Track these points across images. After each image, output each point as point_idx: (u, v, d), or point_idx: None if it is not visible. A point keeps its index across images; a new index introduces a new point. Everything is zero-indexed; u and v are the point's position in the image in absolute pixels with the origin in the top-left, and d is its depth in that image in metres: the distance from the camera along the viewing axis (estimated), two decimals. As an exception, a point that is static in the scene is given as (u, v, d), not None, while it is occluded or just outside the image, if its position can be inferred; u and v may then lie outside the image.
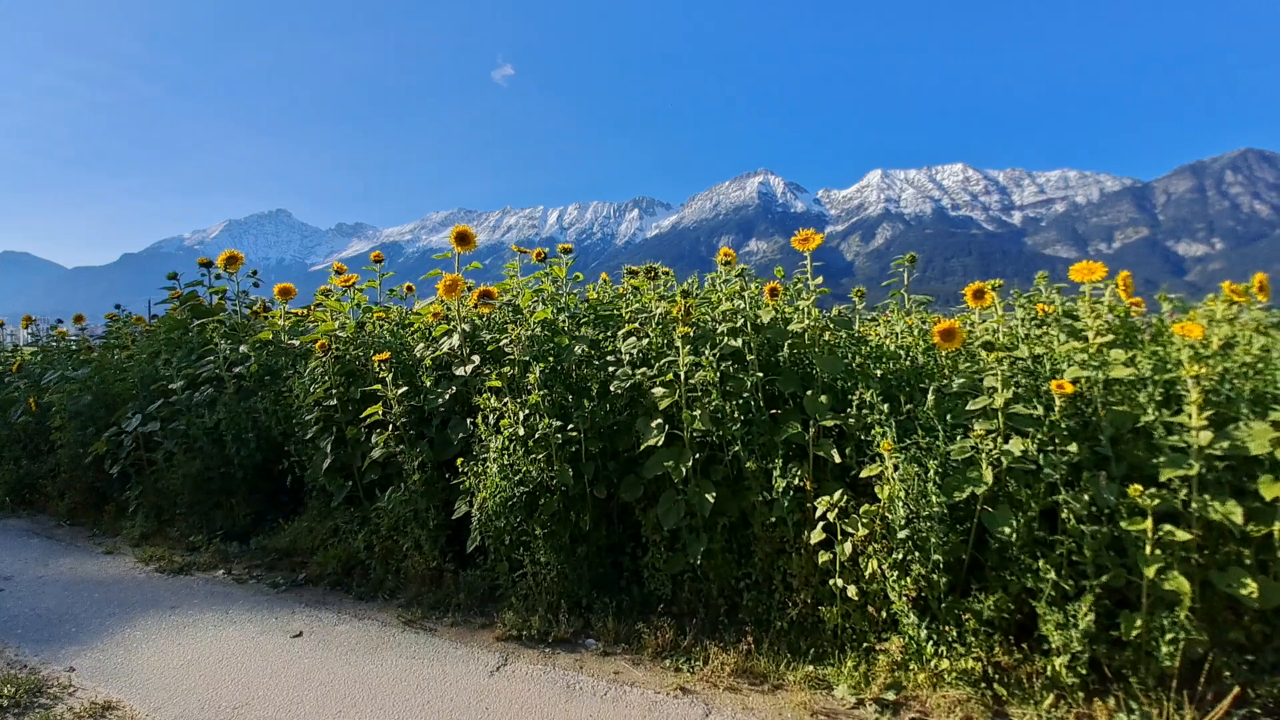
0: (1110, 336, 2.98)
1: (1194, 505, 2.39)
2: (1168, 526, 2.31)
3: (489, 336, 3.54)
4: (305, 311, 5.20)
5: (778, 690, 2.55)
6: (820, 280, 3.16)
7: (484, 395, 3.07)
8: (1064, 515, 2.46)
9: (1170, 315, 3.15)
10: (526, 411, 3.05)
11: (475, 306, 3.56)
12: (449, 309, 3.58)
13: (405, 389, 3.46)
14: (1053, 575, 2.39)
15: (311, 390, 4.01)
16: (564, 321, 3.48)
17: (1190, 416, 2.44)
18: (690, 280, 3.91)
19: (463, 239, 3.47)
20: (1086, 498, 2.45)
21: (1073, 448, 2.59)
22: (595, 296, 3.97)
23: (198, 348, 5.14)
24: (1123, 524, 2.39)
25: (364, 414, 3.57)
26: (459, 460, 3.13)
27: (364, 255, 5.32)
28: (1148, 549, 2.32)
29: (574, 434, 3.07)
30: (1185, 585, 2.25)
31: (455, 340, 3.47)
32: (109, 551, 4.41)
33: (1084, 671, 2.35)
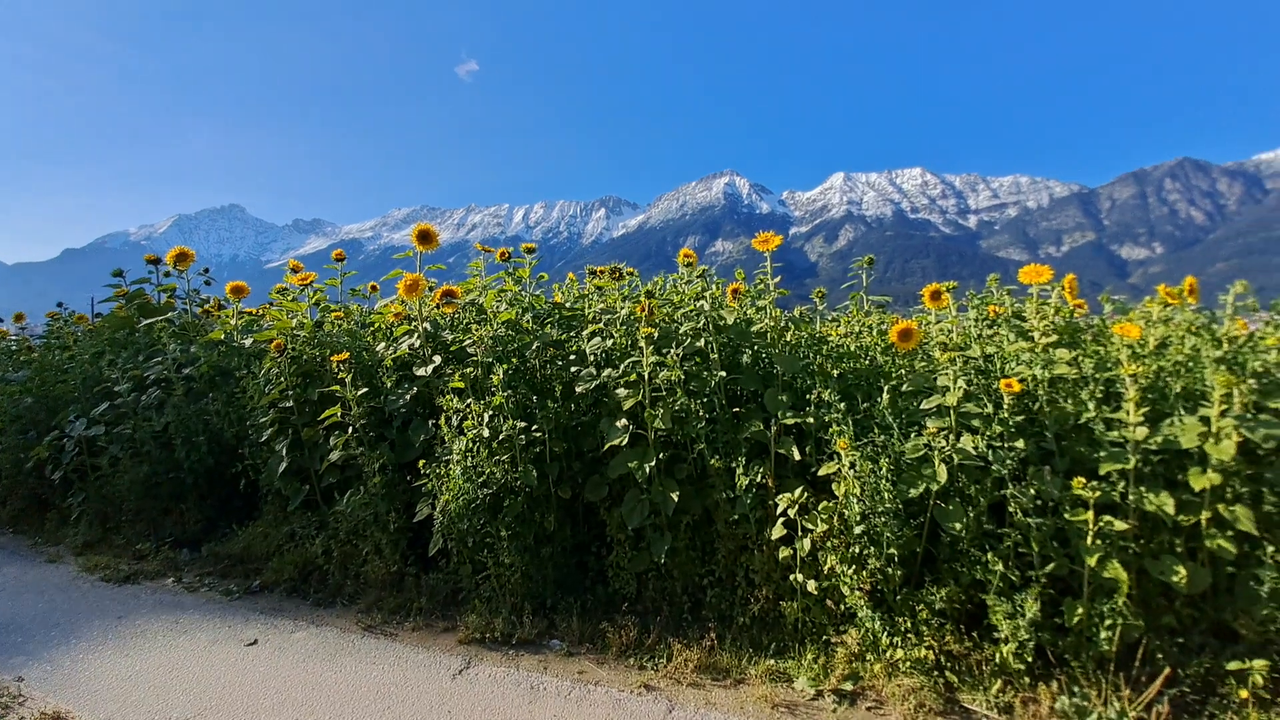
0: (1055, 337, 3.11)
1: (1131, 497, 2.52)
2: (1107, 517, 2.43)
3: (452, 337, 3.49)
4: (260, 310, 5.05)
5: (740, 685, 2.59)
6: (779, 280, 3.21)
7: (446, 396, 3.03)
8: (1012, 509, 2.56)
9: (1110, 316, 3.31)
10: (490, 412, 3.03)
11: (438, 306, 3.51)
12: (410, 309, 3.52)
13: (365, 390, 3.39)
14: (1001, 567, 2.49)
15: (266, 391, 3.90)
16: (528, 321, 3.46)
17: (1128, 413, 2.56)
18: (655, 281, 3.93)
19: (424, 238, 3.42)
20: (1033, 491, 2.56)
21: (1020, 444, 2.69)
22: (561, 297, 3.96)
23: (145, 348, 4.94)
24: (1066, 516, 2.50)
25: (322, 416, 3.48)
26: (421, 462, 3.08)
27: (323, 252, 5.21)
28: (1089, 539, 2.43)
29: (538, 435, 3.06)
30: (1122, 573, 2.37)
31: (416, 340, 3.41)
32: (52, 560, 4.22)
33: (1030, 658, 2.45)
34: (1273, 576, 2.29)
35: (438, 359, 3.35)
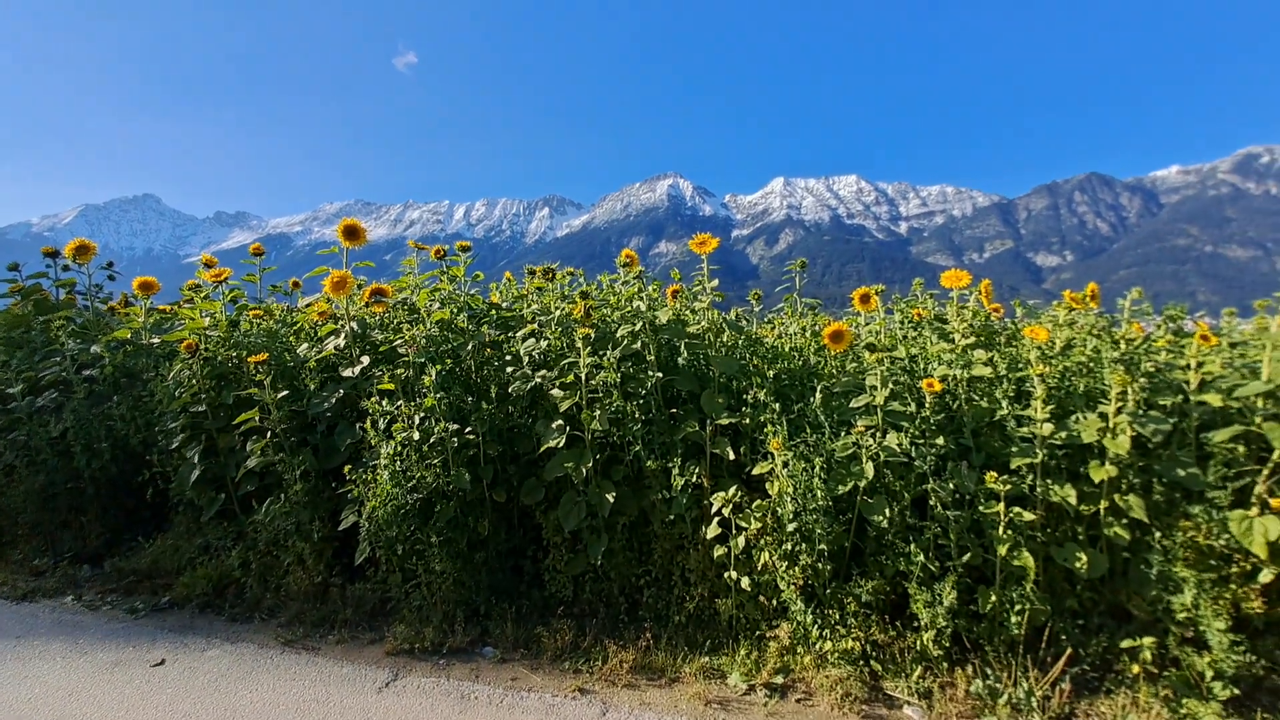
0: (974, 339, 3.27)
1: (1039, 489, 2.68)
2: (1017, 509, 2.57)
3: (381, 337, 3.36)
4: (172, 308, 4.72)
5: (674, 683, 2.60)
6: (716, 284, 3.25)
7: (374, 399, 2.91)
8: (932, 503, 2.68)
9: (1022, 320, 3.52)
10: (422, 415, 2.93)
11: (367, 305, 3.37)
12: (337, 307, 3.37)
13: (286, 393, 3.22)
14: (922, 558, 2.59)
15: (177, 395, 3.65)
16: (464, 321, 3.36)
17: (1036, 410, 2.72)
18: (600, 280, 3.91)
19: (351, 233, 3.28)
20: (951, 486, 2.68)
21: (940, 441, 2.82)
22: (498, 297, 3.87)
23: (41, 347, 4.53)
24: (981, 508, 2.64)
25: (238, 420, 3.28)
26: (346, 468, 2.95)
27: (247, 247, 4.91)
28: (1001, 530, 2.57)
29: (472, 437, 2.98)
30: (1030, 561, 2.52)
31: (343, 340, 3.27)
32: (-62, 580, 3.81)
33: (947, 644, 2.57)
34: (1160, 560, 2.49)
35: (366, 360, 3.21)
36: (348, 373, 3.17)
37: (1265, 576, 2.44)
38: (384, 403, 2.92)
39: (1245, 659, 2.30)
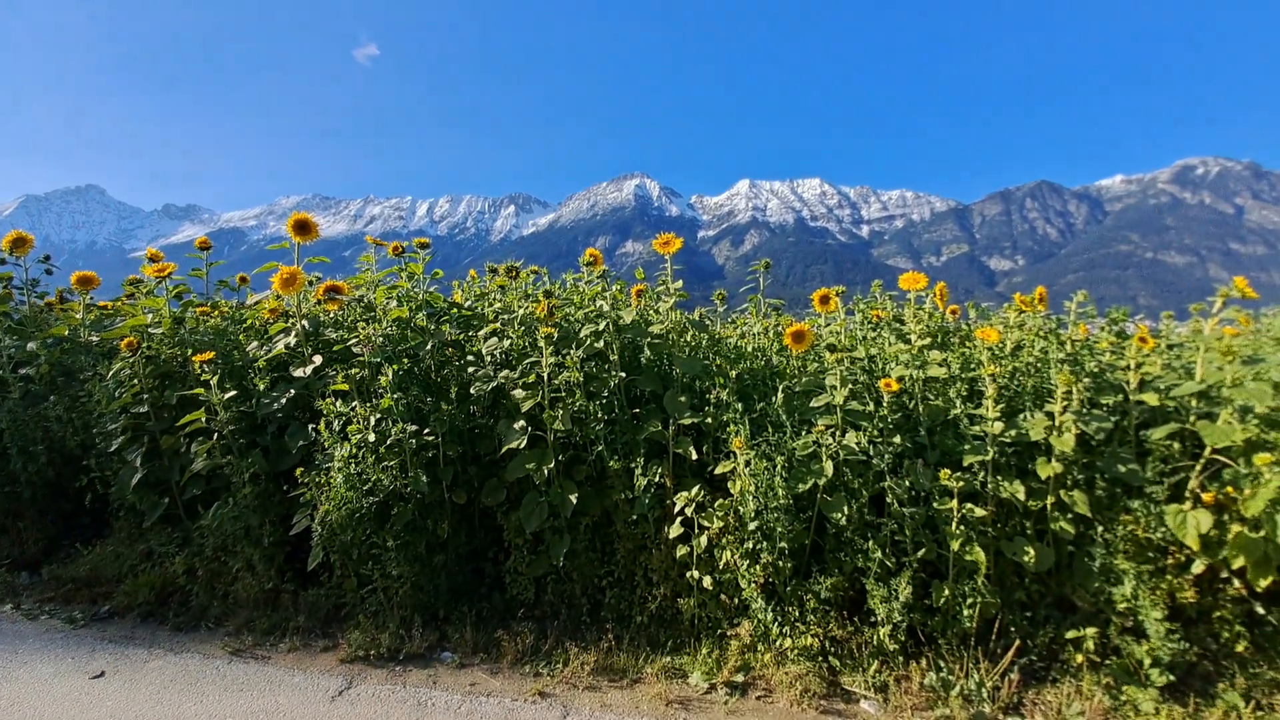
0: (929, 340, 3.35)
1: (990, 485, 2.76)
2: (969, 505, 2.64)
3: (336, 335, 3.26)
4: (114, 305, 4.50)
5: (636, 684, 2.59)
6: (680, 284, 3.26)
7: (328, 399, 2.82)
8: (889, 500, 2.73)
9: (975, 321, 3.62)
10: (378, 416, 2.85)
11: (321, 302, 3.27)
12: (288, 304, 3.25)
13: (234, 393, 3.10)
14: (879, 554, 2.64)
15: (117, 395, 3.48)
16: (423, 320, 3.29)
17: (988, 409, 2.80)
18: (565, 279, 3.87)
19: (302, 228, 3.17)
20: (908, 483, 2.74)
21: (897, 439, 2.88)
22: (460, 295, 3.80)
23: (-28, 345, 4.27)
24: (935, 505, 2.70)
25: (182, 421, 3.14)
26: (299, 470, 2.85)
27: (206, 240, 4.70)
28: (954, 525, 2.64)
29: (431, 438, 2.91)
30: (981, 555, 2.59)
31: (294, 339, 3.15)
32: None
33: (903, 638, 2.63)
34: (1102, 553, 2.59)
35: (319, 359, 3.11)
36: (299, 372, 3.06)
37: (1198, 567, 2.56)
38: (338, 403, 2.83)
39: (1180, 646, 2.40)
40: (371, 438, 2.78)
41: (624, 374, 3.10)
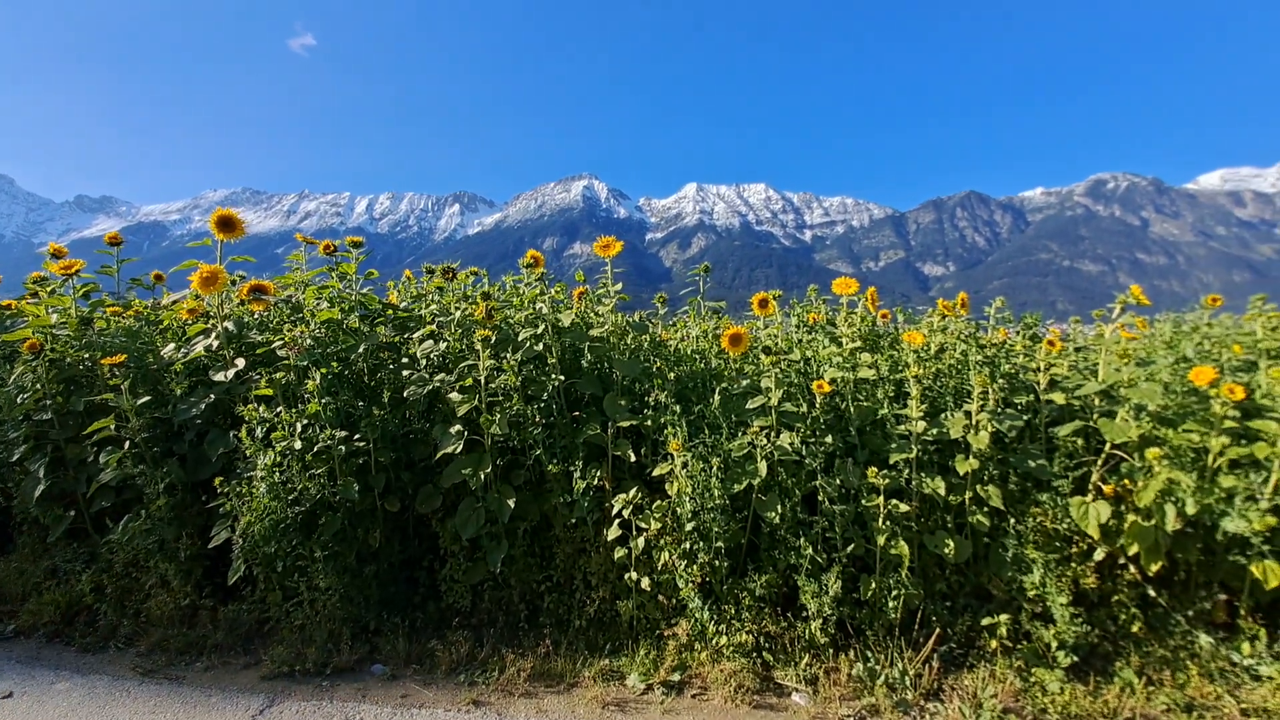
0: (860, 342, 3.48)
1: (914, 482, 2.89)
2: (895, 501, 2.76)
3: (261, 337, 3.11)
4: (16, 304, 4.17)
5: (573, 688, 2.58)
6: (620, 286, 3.27)
7: (250, 405, 2.70)
8: (821, 498, 2.82)
9: (903, 325, 3.78)
10: (305, 422, 2.74)
11: (244, 303, 3.12)
12: (209, 305, 3.09)
13: (147, 399, 2.92)
14: (810, 551, 2.72)
15: (18, 401, 3.23)
16: (355, 322, 3.18)
17: (912, 409, 2.93)
18: (504, 280, 3.82)
19: (226, 224, 3.02)
20: (838, 481, 2.84)
21: (829, 439, 2.98)
22: (396, 296, 3.70)
23: None
24: (864, 502, 2.81)
25: (90, 429, 2.94)
26: (218, 480, 2.72)
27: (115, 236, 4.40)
28: (880, 521, 2.75)
29: (362, 444, 2.82)
30: (905, 549, 2.71)
31: (215, 341, 3.00)
32: None
33: (833, 631, 2.72)
34: (1014, 544, 2.75)
35: (241, 363, 2.96)
36: (220, 376, 2.91)
37: (1099, 555, 2.75)
38: (262, 409, 2.71)
39: (1083, 630, 2.57)
40: (298, 445, 2.67)
41: (563, 377, 3.09)
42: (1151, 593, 2.76)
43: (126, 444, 2.95)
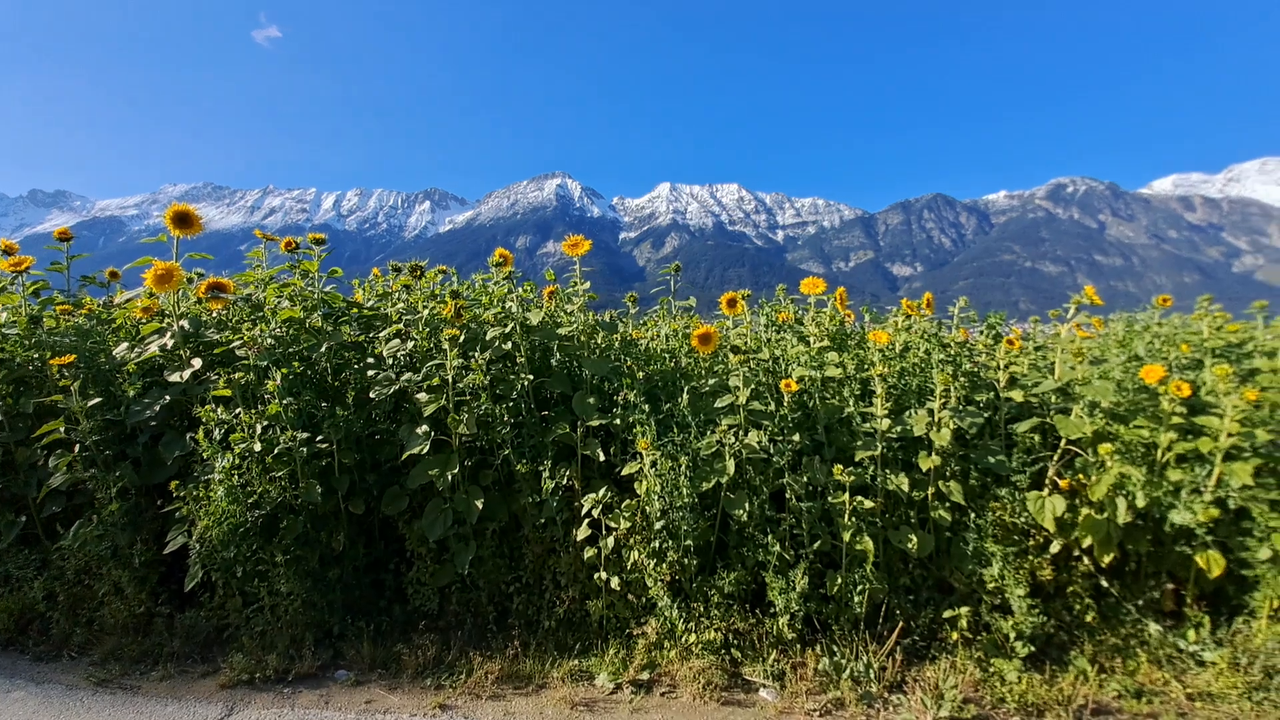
0: (828, 341, 3.53)
1: (879, 479, 2.94)
2: (860, 497, 2.80)
3: (219, 337, 3.03)
4: (-42, 301, 3.99)
5: (541, 690, 2.57)
6: (589, 285, 3.26)
7: (208, 406, 2.63)
8: (788, 495, 2.86)
9: (870, 324, 3.84)
10: (265, 423, 2.68)
11: (203, 301, 3.04)
12: (165, 303, 3.00)
13: (99, 400, 2.82)
14: (778, 548, 2.75)
15: (-40, 403, 3.10)
16: (318, 320, 3.12)
17: (877, 407, 2.98)
18: (474, 279, 3.78)
19: (183, 220, 2.93)
20: (805, 479, 2.87)
21: (796, 437, 3.01)
22: (361, 295, 3.64)
23: None
24: (830, 498, 2.85)
25: (39, 432, 2.84)
26: (173, 484, 2.64)
27: (70, 231, 4.24)
28: (846, 517, 2.79)
29: (325, 446, 2.77)
30: (870, 544, 2.76)
31: (170, 340, 2.91)
32: None
33: (800, 626, 2.75)
34: (975, 538, 2.81)
35: (198, 363, 2.88)
36: (175, 377, 2.82)
37: (1055, 547, 2.84)
38: (220, 410, 2.64)
39: (1040, 620, 2.65)
40: (257, 447, 2.61)
41: (533, 376, 3.07)
42: (1104, 583, 2.85)
43: (77, 447, 2.85)
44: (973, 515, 2.86)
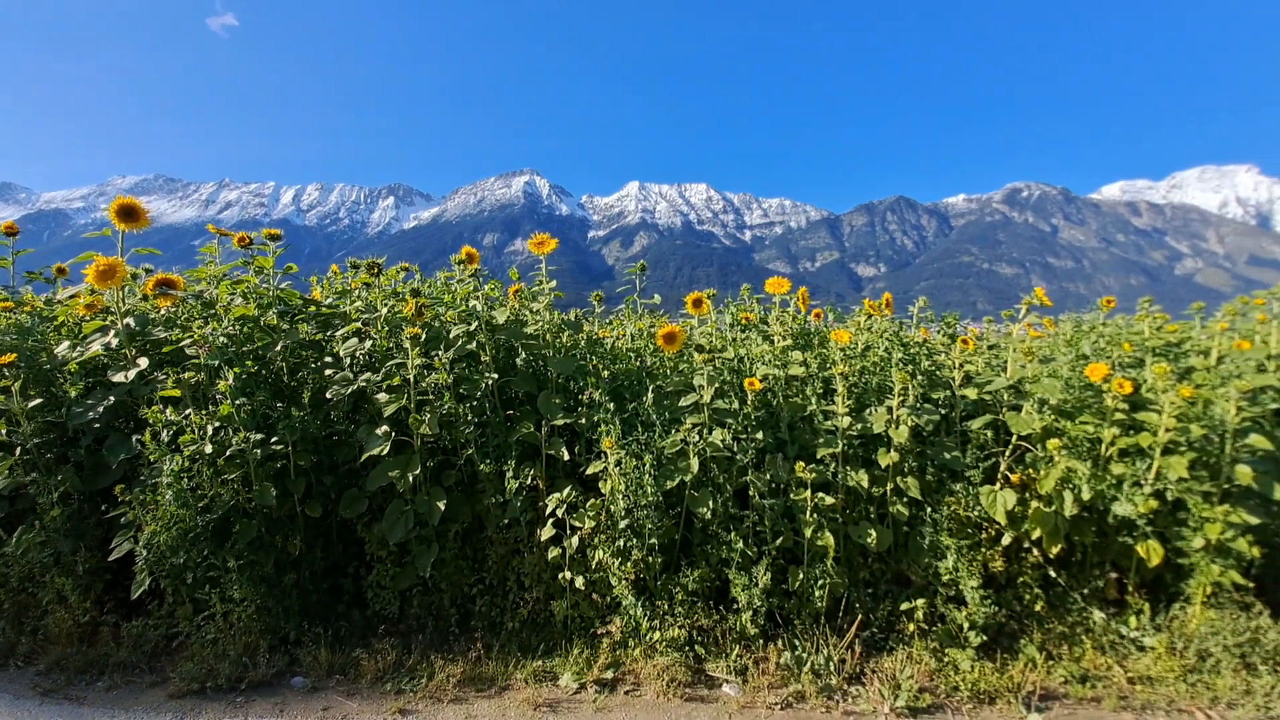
0: (791, 341, 3.58)
1: (840, 475, 3.00)
2: (821, 494, 2.85)
3: (168, 335, 2.92)
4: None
5: (504, 692, 2.55)
6: (555, 284, 3.25)
7: (155, 407, 2.53)
8: (752, 493, 2.89)
9: (832, 324, 3.91)
10: (216, 424, 2.60)
11: (151, 298, 2.93)
12: (110, 300, 2.88)
13: (40, 401, 2.70)
14: (741, 545, 2.79)
15: (-114, 406, 2.92)
16: (274, 319, 3.03)
17: (839, 405, 3.04)
18: (439, 276, 3.73)
19: (128, 214, 2.81)
20: (768, 476, 2.91)
21: (760, 435, 3.05)
22: (319, 292, 3.55)
23: None
24: (792, 496, 2.89)
25: (-27, 435, 2.70)
26: (119, 488, 2.54)
27: (10, 225, 4.04)
28: (808, 514, 2.84)
29: (279, 448, 2.70)
30: (831, 540, 2.81)
31: (114, 339, 2.79)
32: None
33: (763, 622, 2.79)
34: (931, 532, 2.89)
35: (144, 362, 2.77)
36: (119, 377, 2.71)
37: (1006, 539, 2.93)
38: (169, 411, 2.55)
39: (992, 610, 2.74)
40: (208, 449, 2.53)
41: (497, 375, 3.04)
42: (1052, 573, 2.96)
43: (18, 450, 2.72)
44: (929, 510, 2.94)
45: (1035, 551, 2.96)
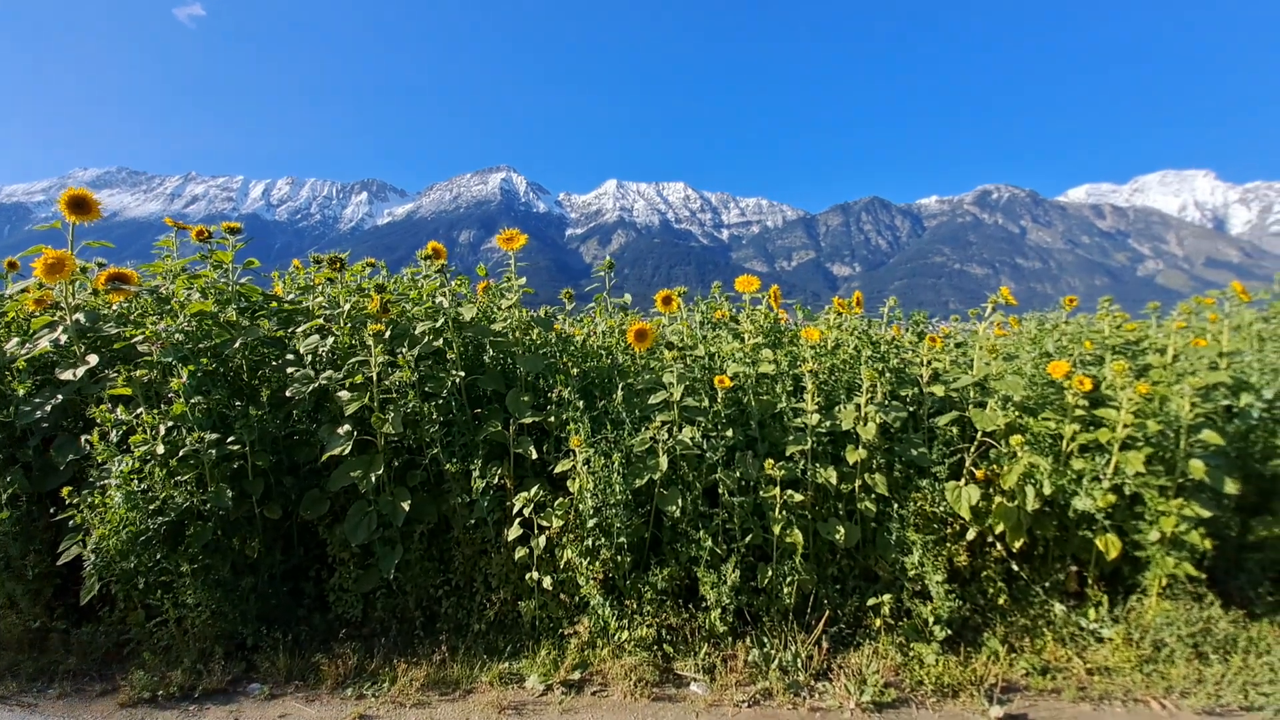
0: (762, 338, 3.59)
1: (809, 472, 3.01)
2: (790, 491, 2.86)
3: (119, 331, 2.83)
4: None
5: (469, 695, 2.51)
6: (524, 281, 3.21)
7: (103, 406, 2.44)
8: (721, 491, 2.88)
9: (802, 322, 3.93)
10: (169, 424, 2.52)
11: (102, 292, 2.83)
12: (59, 294, 2.78)
13: (-19, 400, 2.59)
14: (710, 542, 2.78)
15: None
16: (233, 315, 2.95)
17: (808, 403, 3.05)
18: (405, 272, 3.66)
19: (79, 205, 2.71)
20: (738, 474, 2.91)
21: (730, 433, 3.05)
22: (281, 288, 3.47)
23: None
24: (762, 493, 2.90)
25: (-92, 437, 2.58)
26: (67, 490, 2.45)
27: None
28: (777, 511, 2.84)
29: (237, 448, 2.62)
30: (799, 537, 2.82)
31: (63, 335, 2.69)
32: None
33: (732, 620, 2.79)
34: (898, 528, 2.91)
35: (94, 359, 2.68)
36: (67, 375, 2.61)
37: (970, 534, 2.97)
38: (119, 410, 2.46)
39: (956, 604, 2.77)
40: (160, 449, 2.45)
41: (464, 373, 3.00)
42: (1015, 567, 3.00)
43: (-44, 452, 2.61)
44: (896, 506, 2.96)
45: (999, 546, 3.01)
